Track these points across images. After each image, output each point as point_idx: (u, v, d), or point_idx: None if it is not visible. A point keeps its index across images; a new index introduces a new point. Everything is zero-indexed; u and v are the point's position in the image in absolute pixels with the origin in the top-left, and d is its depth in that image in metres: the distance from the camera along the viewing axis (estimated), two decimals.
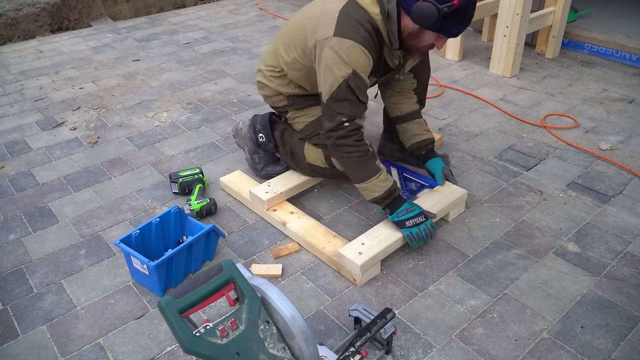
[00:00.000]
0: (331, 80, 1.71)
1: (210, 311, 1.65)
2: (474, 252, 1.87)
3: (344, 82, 1.70)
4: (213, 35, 4.15)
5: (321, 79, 1.76)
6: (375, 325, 1.41)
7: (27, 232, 2.04)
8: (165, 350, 1.54)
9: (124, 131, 2.76)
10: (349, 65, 1.69)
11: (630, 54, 3.34)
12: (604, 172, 2.31)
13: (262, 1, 4.96)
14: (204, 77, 3.40)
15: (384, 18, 1.70)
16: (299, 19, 1.91)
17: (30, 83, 3.36)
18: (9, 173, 2.43)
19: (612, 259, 1.83)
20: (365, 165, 1.80)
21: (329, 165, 2.01)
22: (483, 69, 3.36)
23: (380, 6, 1.70)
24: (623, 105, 2.88)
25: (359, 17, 1.70)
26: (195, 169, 2.22)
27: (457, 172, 2.33)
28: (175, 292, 1.16)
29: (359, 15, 1.70)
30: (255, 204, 2.08)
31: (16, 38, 4.25)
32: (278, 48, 1.97)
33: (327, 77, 1.72)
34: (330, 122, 1.77)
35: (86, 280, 1.80)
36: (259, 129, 2.17)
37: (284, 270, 1.82)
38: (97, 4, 4.70)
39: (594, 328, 1.57)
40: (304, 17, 1.88)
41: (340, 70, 1.69)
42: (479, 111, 2.86)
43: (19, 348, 1.56)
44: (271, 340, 1.21)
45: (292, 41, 1.89)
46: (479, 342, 1.54)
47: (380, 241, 1.78)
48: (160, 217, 1.81)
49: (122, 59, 3.71)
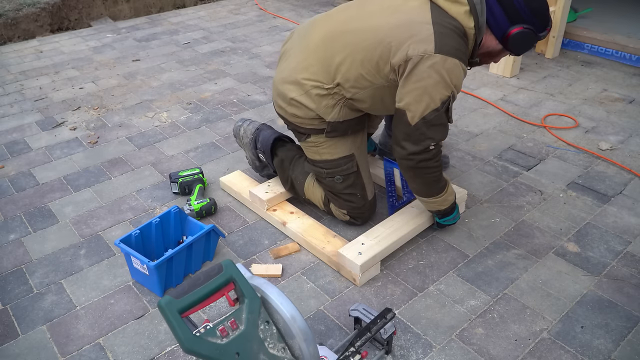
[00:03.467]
0: (427, 103, 1.55)
1: (210, 311, 1.65)
2: (474, 252, 1.87)
3: (442, 106, 1.57)
4: (213, 35, 4.15)
5: (411, 99, 1.57)
6: (375, 325, 1.41)
7: (27, 232, 2.04)
8: (165, 350, 1.54)
9: (124, 131, 2.76)
10: (450, 87, 1.55)
11: (630, 54, 3.34)
12: (604, 172, 2.31)
13: (262, 1, 4.96)
14: (204, 77, 3.40)
15: (476, 32, 1.58)
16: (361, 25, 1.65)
17: (30, 83, 3.36)
18: (9, 173, 2.43)
19: (612, 259, 1.83)
20: (438, 183, 1.75)
21: (325, 210, 1.99)
22: (483, 69, 3.36)
23: (474, 20, 1.56)
24: (623, 105, 2.88)
25: (456, 29, 1.55)
26: (195, 169, 2.22)
27: (457, 172, 2.33)
28: (175, 292, 1.16)
29: (454, 26, 1.55)
30: (255, 204, 2.08)
31: (16, 38, 4.25)
32: (330, 60, 1.68)
33: (422, 99, 1.55)
34: (415, 145, 1.62)
35: (86, 280, 1.80)
36: (260, 148, 2.07)
37: (284, 270, 1.82)
38: (97, 4, 4.70)
39: (594, 328, 1.57)
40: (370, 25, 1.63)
41: (440, 93, 1.54)
42: (479, 111, 2.86)
43: (19, 348, 1.56)
44: (271, 340, 1.21)
45: (361, 54, 1.62)
46: (479, 342, 1.54)
47: (380, 241, 1.78)
48: (160, 217, 1.81)
49: (122, 59, 3.71)
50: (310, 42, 1.76)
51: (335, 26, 1.73)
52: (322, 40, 1.73)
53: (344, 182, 1.87)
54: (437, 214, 1.87)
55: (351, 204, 1.90)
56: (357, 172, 1.88)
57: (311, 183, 1.97)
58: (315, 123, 1.79)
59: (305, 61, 1.75)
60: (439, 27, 1.53)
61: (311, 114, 1.77)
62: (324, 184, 1.92)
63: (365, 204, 1.92)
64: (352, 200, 1.90)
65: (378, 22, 1.63)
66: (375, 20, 1.64)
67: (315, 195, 1.97)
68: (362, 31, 1.65)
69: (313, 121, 1.79)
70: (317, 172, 1.91)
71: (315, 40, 1.75)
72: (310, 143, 1.86)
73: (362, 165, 1.90)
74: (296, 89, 1.76)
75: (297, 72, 1.75)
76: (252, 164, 2.21)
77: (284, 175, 2.03)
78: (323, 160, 1.86)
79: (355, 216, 1.94)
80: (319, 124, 1.79)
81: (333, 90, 1.71)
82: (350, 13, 1.74)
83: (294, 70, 1.77)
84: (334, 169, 1.86)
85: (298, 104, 1.77)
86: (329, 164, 1.86)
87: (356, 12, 1.72)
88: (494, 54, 1.71)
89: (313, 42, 1.75)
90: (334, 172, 1.86)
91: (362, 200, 1.91)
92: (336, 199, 1.92)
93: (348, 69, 1.66)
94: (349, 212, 1.93)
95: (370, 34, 1.62)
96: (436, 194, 1.76)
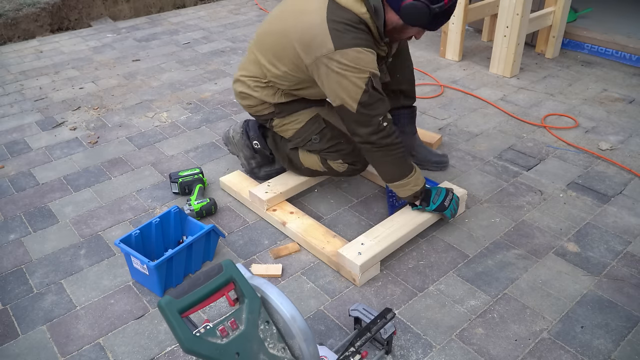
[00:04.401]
0: (354, 90, 1.66)
1: (210, 311, 1.65)
2: (474, 252, 1.87)
3: (367, 87, 1.66)
4: (213, 35, 4.15)
5: (340, 92, 1.68)
6: (375, 325, 1.41)
7: (27, 232, 2.04)
8: (165, 350, 1.54)
9: (124, 131, 2.76)
10: (364, 70, 1.64)
11: (630, 54, 3.34)
12: (604, 172, 2.31)
13: (262, 1, 4.96)
14: (204, 77, 3.40)
15: (372, 15, 1.67)
16: (276, 28, 1.81)
17: (30, 83, 3.36)
18: (9, 173, 2.43)
19: (612, 259, 1.83)
20: (406, 160, 1.82)
21: (326, 168, 2.03)
22: (483, 69, 3.36)
23: (365, 4, 1.65)
24: (623, 105, 2.88)
25: (349, 20, 1.64)
26: (195, 169, 2.22)
27: (457, 172, 2.33)
28: (175, 292, 1.16)
29: (347, 18, 1.64)
30: (255, 204, 2.08)
31: (16, 38, 4.25)
32: (259, 59, 1.87)
33: (348, 89, 1.66)
34: (367, 127, 1.71)
35: (86, 280, 1.80)
36: (252, 135, 2.16)
37: (284, 270, 1.82)
38: (97, 4, 4.70)
39: (594, 328, 1.57)
40: (282, 27, 1.77)
41: (359, 78, 1.64)
42: (479, 111, 2.86)
43: (19, 348, 1.56)
44: (271, 340, 1.21)
45: (278, 55, 1.79)
46: (479, 342, 1.54)
47: (379, 241, 1.78)
48: (160, 217, 1.81)
49: (122, 59, 3.71)
50: (252, 41, 1.97)
51: (264, 27, 1.90)
52: (255, 41, 1.93)
53: (322, 139, 1.96)
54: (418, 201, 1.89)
55: (341, 152, 1.97)
56: (328, 125, 1.96)
57: (304, 152, 2.05)
58: (268, 107, 1.96)
59: (245, 60, 1.98)
60: (333, 24, 1.63)
61: (259, 101, 1.96)
62: (310, 150, 2.01)
63: (354, 147, 1.95)
64: (339, 148, 1.97)
65: (288, 24, 1.76)
66: (287, 22, 1.77)
67: (312, 160, 2.03)
68: (277, 34, 1.80)
69: (264, 106, 1.96)
70: (297, 144, 2.01)
71: (253, 39, 1.95)
72: (277, 126, 2.01)
73: (330, 117, 1.97)
74: (241, 85, 1.99)
75: (239, 71, 2.00)
76: (248, 167, 2.24)
77: (280, 154, 2.11)
78: (294, 133, 1.99)
79: (351, 162, 2.00)
80: (269, 106, 1.96)
81: (270, 84, 1.90)
82: (275, 13, 1.89)
83: (239, 70, 2.01)
84: (307, 134, 1.97)
85: (246, 95, 1.98)
86: (300, 132, 1.98)
87: (281, 11, 1.85)
88: (400, 29, 1.73)
89: (252, 42, 1.96)
90: (309, 136, 1.96)
91: (348, 144, 1.96)
92: (327, 154, 1.99)
93: (274, 69, 1.82)
94: (344, 160, 1.99)
95: (282, 37, 1.76)
96: (408, 173, 1.82)
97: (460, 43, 3.44)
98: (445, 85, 3.14)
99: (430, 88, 3.14)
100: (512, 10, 3.00)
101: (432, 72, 3.33)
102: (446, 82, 3.19)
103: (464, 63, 3.46)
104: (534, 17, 3.18)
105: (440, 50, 3.58)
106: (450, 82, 3.20)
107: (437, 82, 3.18)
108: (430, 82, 3.20)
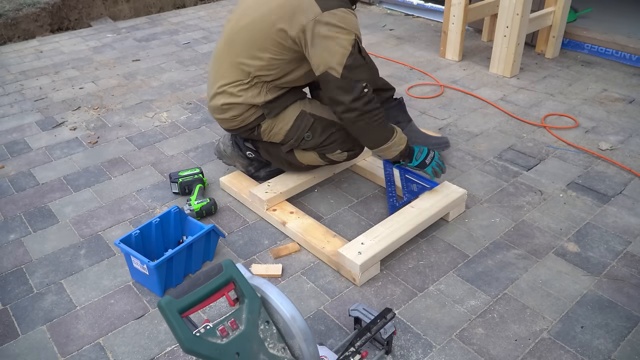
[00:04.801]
0: (340, 52, 1.69)
1: (210, 311, 1.65)
2: (474, 252, 1.87)
3: (353, 49, 1.70)
4: (213, 35, 4.14)
5: (326, 56, 1.70)
6: (375, 325, 1.41)
7: (27, 232, 2.04)
8: (165, 350, 1.54)
9: (124, 131, 2.76)
10: (351, 32, 1.70)
11: (630, 54, 3.34)
12: (604, 172, 2.31)
13: None
14: (204, 77, 3.39)
15: None
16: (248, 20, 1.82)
17: (30, 83, 3.36)
18: (9, 173, 2.43)
19: (612, 259, 1.83)
20: (388, 123, 1.86)
21: (327, 162, 2.04)
22: (483, 69, 3.36)
23: None
24: (623, 105, 2.88)
25: None
26: (195, 169, 2.22)
27: (457, 172, 2.33)
28: (175, 292, 1.16)
29: None
30: (255, 204, 2.08)
31: (16, 38, 4.25)
32: (237, 60, 1.86)
33: (334, 52, 1.69)
34: (350, 93, 1.73)
35: (86, 280, 1.80)
36: (243, 147, 2.15)
37: (284, 270, 1.82)
38: (97, 4, 4.70)
39: (594, 328, 1.57)
40: (256, 16, 1.80)
41: (345, 40, 1.69)
42: (479, 111, 2.86)
43: (19, 348, 1.56)
44: (271, 340, 1.21)
45: (258, 45, 1.80)
46: (479, 342, 1.54)
47: (379, 241, 1.78)
48: (160, 217, 1.81)
49: (122, 59, 3.71)
50: (218, 51, 1.95)
51: (232, 27, 1.90)
52: (225, 45, 1.91)
53: (314, 134, 1.96)
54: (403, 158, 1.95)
55: (337, 141, 1.98)
56: (317, 118, 1.96)
57: (300, 151, 2.04)
58: (254, 112, 1.93)
59: (219, 71, 1.93)
60: None
61: (245, 107, 1.91)
62: (306, 148, 2.00)
63: (347, 131, 1.95)
64: (334, 139, 1.97)
65: (262, 10, 1.79)
66: (260, 9, 1.80)
67: (311, 157, 2.04)
68: (251, 24, 1.81)
69: (251, 112, 1.92)
70: (291, 146, 1.99)
71: (220, 47, 1.93)
72: (266, 132, 1.98)
73: (316, 110, 1.98)
74: (222, 97, 1.93)
75: (216, 83, 1.93)
76: (248, 173, 2.24)
77: (277, 160, 2.10)
78: (285, 135, 1.97)
79: (348, 148, 2.01)
80: (256, 110, 1.93)
81: (253, 82, 1.87)
82: (239, 10, 1.91)
83: (213, 84, 1.95)
84: (298, 133, 1.95)
85: (229, 105, 1.92)
86: (291, 133, 1.96)
87: (244, 8, 1.88)
88: None
89: (219, 49, 1.94)
90: (301, 134, 1.95)
91: (341, 131, 1.96)
92: (324, 148, 1.99)
93: (257, 61, 1.82)
94: (342, 149, 2.00)
95: (260, 24, 1.79)
96: (391, 136, 1.86)
97: (460, 43, 3.44)
98: (445, 85, 3.14)
99: (430, 88, 3.14)
100: (512, 10, 3.00)
101: (432, 72, 3.33)
102: (446, 82, 3.19)
103: (464, 63, 3.46)
104: (534, 17, 3.18)
105: (440, 50, 3.58)
106: (450, 82, 3.20)
107: (437, 82, 3.19)
108: (430, 82, 3.20)
